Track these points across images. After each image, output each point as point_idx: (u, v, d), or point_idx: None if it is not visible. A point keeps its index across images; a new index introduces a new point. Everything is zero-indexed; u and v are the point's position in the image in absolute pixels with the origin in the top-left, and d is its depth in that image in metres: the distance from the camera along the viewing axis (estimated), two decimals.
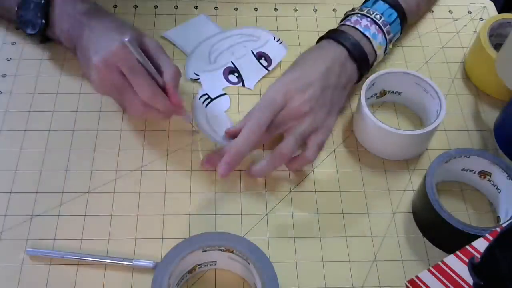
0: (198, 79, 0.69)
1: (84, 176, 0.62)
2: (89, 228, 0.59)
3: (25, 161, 0.63)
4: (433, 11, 0.80)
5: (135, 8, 0.77)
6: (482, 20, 0.79)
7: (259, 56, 0.71)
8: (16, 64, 0.70)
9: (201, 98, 0.68)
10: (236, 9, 0.78)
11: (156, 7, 0.77)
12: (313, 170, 0.64)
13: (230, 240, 0.53)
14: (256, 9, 0.78)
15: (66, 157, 0.63)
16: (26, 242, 0.57)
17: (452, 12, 0.80)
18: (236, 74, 0.70)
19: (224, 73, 0.70)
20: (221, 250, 0.53)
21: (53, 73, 0.70)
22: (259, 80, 0.70)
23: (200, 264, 0.55)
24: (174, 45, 0.73)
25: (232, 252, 0.53)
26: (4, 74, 0.70)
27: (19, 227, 0.58)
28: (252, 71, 0.70)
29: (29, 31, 0.67)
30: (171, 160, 0.64)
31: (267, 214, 0.61)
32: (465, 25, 0.79)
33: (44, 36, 0.69)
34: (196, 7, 0.78)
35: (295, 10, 0.79)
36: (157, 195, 0.61)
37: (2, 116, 0.66)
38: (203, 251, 0.53)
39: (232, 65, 0.70)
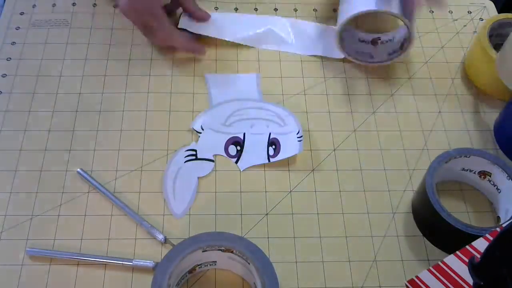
0: (200, 133, 0.66)
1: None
2: (89, 228, 0.59)
3: (25, 161, 0.63)
4: (433, 11, 0.80)
5: None
6: (482, 20, 0.79)
7: (272, 142, 0.65)
8: (16, 64, 0.70)
9: (187, 151, 0.64)
10: (236, 9, 0.78)
11: None
12: (313, 170, 0.64)
13: (230, 240, 0.53)
14: (256, 9, 0.78)
15: (66, 157, 0.63)
16: (26, 242, 0.57)
17: (452, 12, 0.80)
18: (238, 148, 0.65)
19: (228, 141, 0.65)
20: (221, 250, 0.53)
21: (53, 73, 0.70)
22: (253, 166, 0.64)
23: (200, 264, 0.55)
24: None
25: (232, 252, 0.53)
26: (4, 74, 0.70)
27: (19, 227, 0.58)
28: (254, 154, 0.65)
29: None
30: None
31: (267, 214, 0.61)
32: (465, 25, 0.79)
33: None
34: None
35: (295, 10, 0.79)
36: (157, 195, 0.61)
37: (2, 116, 0.66)
38: (203, 251, 0.53)
39: (242, 138, 0.65)
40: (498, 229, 0.51)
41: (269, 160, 0.64)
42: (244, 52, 0.73)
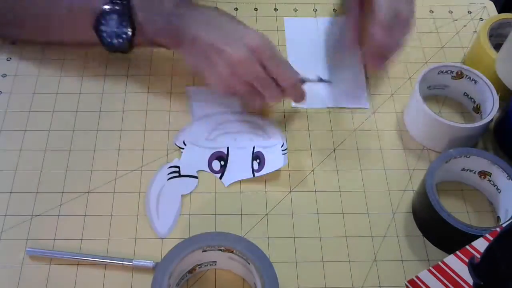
0: (183, 149, 0.64)
1: (84, 176, 0.62)
2: (89, 228, 0.59)
3: (25, 161, 0.63)
4: (433, 11, 0.80)
5: None
6: (482, 20, 0.79)
7: (256, 156, 0.63)
8: (16, 64, 0.70)
9: (170, 168, 0.63)
10: (236, 9, 0.78)
11: None
12: (313, 170, 0.64)
13: (230, 240, 0.53)
14: (256, 9, 0.78)
15: (66, 157, 0.63)
16: (26, 242, 0.57)
17: (452, 12, 0.80)
18: (222, 163, 0.63)
19: (211, 156, 0.63)
20: (221, 250, 0.53)
21: (53, 73, 0.70)
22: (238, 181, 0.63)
23: (200, 264, 0.55)
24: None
25: (232, 252, 0.53)
26: (4, 74, 0.70)
27: (19, 227, 0.58)
28: (239, 169, 0.63)
29: (116, 42, 0.63)
30: (171, 160, 0.64)
31: (267, 214, 0.61)
32: (465, 25, 0.79)
33: (131, 44, 0.64)
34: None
35: (295, 10, 0.79)
36: None
37: (2, 116, 0.66)
38: (203, 251, 0.53)
39: (226, 152, 0.63)
40: (498, 229, 0.51)
41: (254, 175, 0.62)
42: None
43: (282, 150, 0.64)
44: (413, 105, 0.65)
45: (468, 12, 0.81)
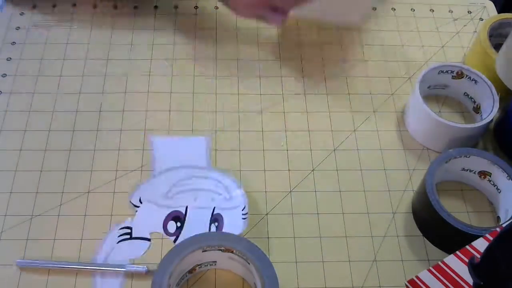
0: (138, 207, 0.60)
1: (84, 176, 0.62)
2: (89, 228, 0.59)
3: (25, 161, 0.63)
4: (433, 11, 0.80)
5: (135, 8, 0.77)
6: (482, 20, 0.79)
7: (215, 219, 0.60)
8: (16, 64, 0.70)
9: (121, 229, 0.58)
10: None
11: (156, 7, 0.77)
12: (313, 170, 0.64)
13: (230, 240, 0.53)
14: None
15: (66, 157, 0.63)
16: (26, 242, 0.57)
17: (452, 12, 0.80)
18: (179, 224, 0.59)
19: (167, 217, 0.59)
20: (221, 250, 0.53)
21: (53, 73, 0.70)
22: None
23: (200, 264, 0.55)
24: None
25: (232, 252, 0.53)
26: (4, 74, 0.70)
27: (19, 227, 0.58)
28: (195, 232, 0.55)
29: None
30: None
31: (267, 214, 0.61)
32: (465, 25, 0.79)
33: None
34: (196, 7, 0.78)
35: None
36: None
37: (2, 116, 0.66)
38: (203, 251, 0.53)
39: (184, 212, 0.59)
40: (498, 229, 0.51)
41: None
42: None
43: (243, 214, 0.60)
44: (413, 105, 0.65)
45: (468, 12, 0.81)
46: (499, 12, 0.80)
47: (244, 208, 0.60)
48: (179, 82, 0.70)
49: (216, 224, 0.59)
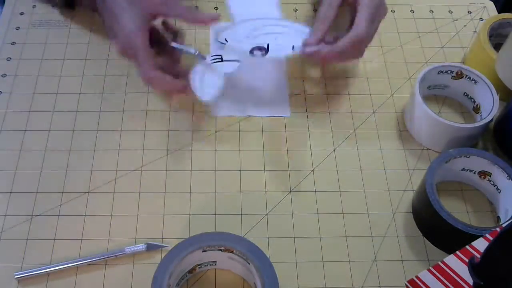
0: (224, 44, 0.67)
1: (84, 176, 0.62)
2: (89, 228, 0.59)
3: (25, 161, 0.63)
4: (433, 11, 0.80)
5: None
6: (482, 20, 0.79)
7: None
8: (16, 64, 0.70)
9: (213, 56, 0.65)
10: None
11: None
12: (313, 170, 0.64)
13: (230, 240, 0.53)
14: None
15: (66, 157, 0.63)
16: (26, 242, 0.57)
17: (452, 12, 0.80)
18: (263, 52, 0.65)
19: (252, 48, 0.66)
20: (221, 250, 0.53)
21: (53, 72, 0.70)
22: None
23: (200, 264, 0.55)
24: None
25: (232, 252, 0.53)
26: (4, 74, 0.70)
27: (19, 227, 0.58)
28: (279, 53, 0.66)
29: None
30: (171, 160, 0.64)
31: (267, 214, 0.61)
32: (465, 25, 0.79)
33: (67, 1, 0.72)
34: (196, 7, 0.78)
35: (295, 10, 0.79)
36: (157, 195, 0.61)
37: (2, 116, 0.66)
38: (203, 251, 0.53)
39: (266, 47, 0.65)
40: (498, 229, 0.51)
41: (293, 49, 0.65)
42: None
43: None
44: (413, 105, 0.65)
45: (468, 12, 0.81)
46: (499, 12, 0.80)
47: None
48: None
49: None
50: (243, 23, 0.69)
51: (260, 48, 0.66)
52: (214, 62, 0.65)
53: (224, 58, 0.65)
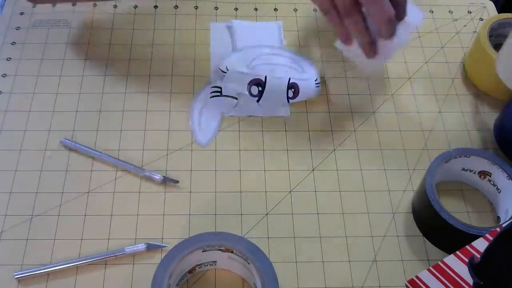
0: (225, 73, 0.68)
1: (84, 176, 0.62)
2: (89, 228, 0.59)
3: (25, 161, 0.63)
4: (433, 11, 0.80)
5: (135, 8, 0.77)
6: (482, 20, 0.79)
7: (291, 86, 0.67)
8: (16, 64, 0.70)
9: (213, 88, 0.68)
10: (236, 9, 0.78)
11: (156, 7, 0.77)
12: (313, 170, 0.64)
13: (230, 240, 0.53)
14: (256, 9, 0.78)
15: (66, 157, 0.63)
16: (26, 242, 0.57)
17: (452, 12, 0.80)
18: (260, 89, 0.67)
19: (250, 82, 0.67)
20: (221, 250, 0.53)
21: (53, 73, 0.70)
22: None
23: (200, 264, 0.55)
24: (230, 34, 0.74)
25: (232, 252, 0.53)
26: (4, 74, 0.70)
27: (19, 227, 0.58)
28: (275, 95, 0.68)
29: None
30: (171, 160, 0.64)
31: (267, 214, 0.61)
32: (465, 25, 0.79)
33: None
34: (196, 7, 0.78)
35: (295, 10, 0.79)
36: (156, 195, 0.61)
37: (2, 116, 0.66)
38: (203, 251, 0.53)
39: (263, 80, 0.67)
40: (498, 229, 0.51)
41: (288, 101, 0.68)
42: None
43: (316, 84, 0.69)
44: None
45: (468, 12, 0.81)
46: (499, 12, 0.80)
47: (317, 79, 0.69)
48: (178, 82, 0.70)
49: (293, 89, 0.68)
50: (243, 52, 0.71)
51: (257, 84, 0.67)
52: (213, 96, 0.68)
53: (223, 92, 0.68)
